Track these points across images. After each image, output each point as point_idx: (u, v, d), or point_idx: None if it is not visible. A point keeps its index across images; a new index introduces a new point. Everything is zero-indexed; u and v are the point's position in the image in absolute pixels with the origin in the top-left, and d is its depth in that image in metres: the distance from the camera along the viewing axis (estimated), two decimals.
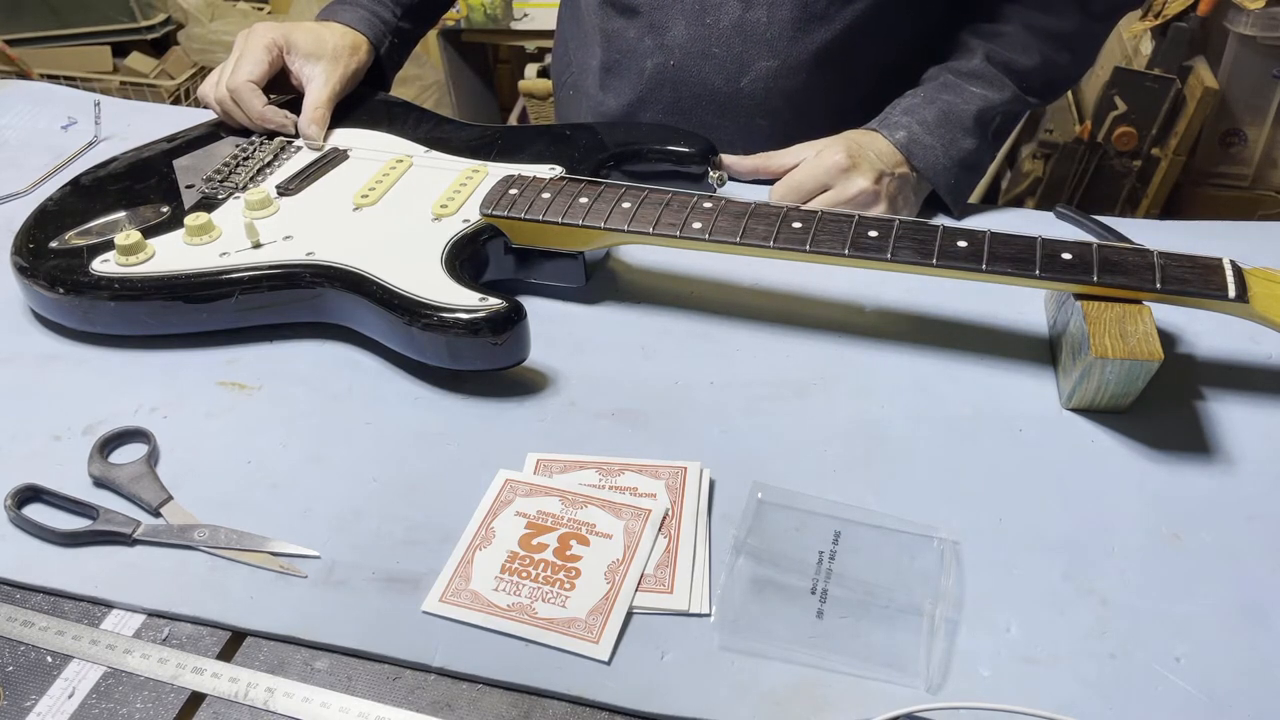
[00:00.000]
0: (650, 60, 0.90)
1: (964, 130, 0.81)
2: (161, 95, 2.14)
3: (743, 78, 0.87)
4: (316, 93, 0.84)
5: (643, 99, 0.92)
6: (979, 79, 0.82)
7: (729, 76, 0.88)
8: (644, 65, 0.90)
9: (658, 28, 0.88)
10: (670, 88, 0.90)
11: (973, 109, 0.81)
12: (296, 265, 0.69)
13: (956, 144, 0.80)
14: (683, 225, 0.68)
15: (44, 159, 0.93)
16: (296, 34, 0.85)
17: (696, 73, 0.88)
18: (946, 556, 0.54)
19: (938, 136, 0.80)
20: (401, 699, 0.49)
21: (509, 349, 0.64)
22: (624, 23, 0.90)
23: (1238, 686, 0.48)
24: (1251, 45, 1.80)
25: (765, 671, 0.49)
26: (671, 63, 0.89)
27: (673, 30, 0.88)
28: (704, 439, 0.62)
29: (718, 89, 0.88)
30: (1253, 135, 1.90)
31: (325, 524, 0.57)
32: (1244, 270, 0.61)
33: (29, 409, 0.65)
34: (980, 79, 0.82)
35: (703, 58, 0.88)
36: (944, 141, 0.80)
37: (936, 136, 0.80)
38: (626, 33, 0.90)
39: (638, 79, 0.91)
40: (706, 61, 0.88)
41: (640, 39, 0.90)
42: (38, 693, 0.49)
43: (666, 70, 0.89)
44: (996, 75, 0.82)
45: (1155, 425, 0.62)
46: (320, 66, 0.85)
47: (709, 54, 0.87)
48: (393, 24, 0.93)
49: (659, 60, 0.89)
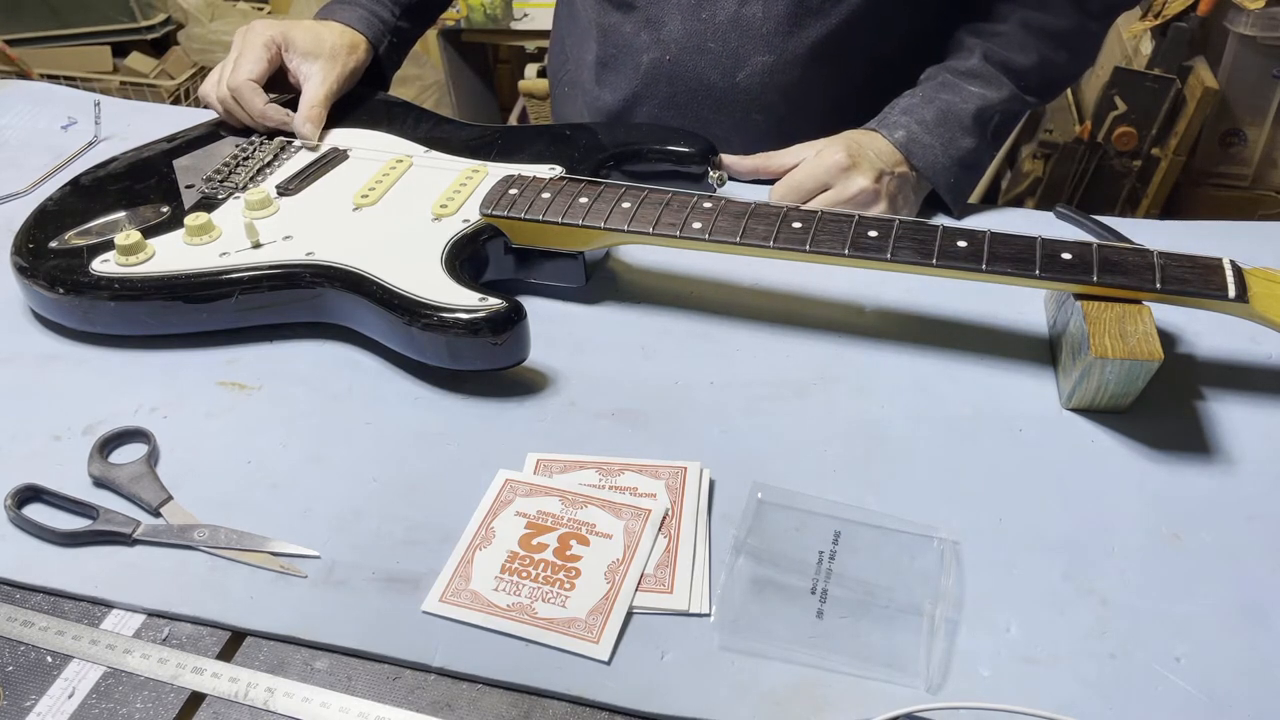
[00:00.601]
0: (646, 55, 0.90)
1: (963, 129, 0.81)
2: (161, 95, 2.14)
3: (738, 72, 0.87)
4: (313, 91, 0.84)
5: (638, 94, 0.92)
6: (977, 78, 0.82)
7: (725, 71, 0.88)
8: (640, 60, 0.90)
9: (654, 22, 0.88)
10: (666, 83, 0.90)
11: (971, 108, 0.81)
12: (296, 265, 0.69)
13: (955, 143, 0.80)
14: (683, 225, 0.68)
15: (44, 159, 0.93)
16: (295, 32, 0.85)
17: (692, 67, 0.88)
18: (946, 556, 0.54)
19: (937, 136, 0.80)
20: (401, 699, 0.49)
21: (509, 349, 0.64)
22: (620, 17, 0.90)
23: (1238, 686, 0.48)
24: (1251, 45, 1.80)
25: (765, 671, 0.49)
26: (667, 58, 0.89)
27: (669, 25, 0.88)
28: (704, 439, 0.62)
29: (714, 84, 0.89)
30: (1253, 135, 1.90)
31: (325, 524, 0.57)
32: (1244, 270, 0.61)
33: (29, 409, 0.65)
34: (978, 78, 0.82)
35: (698, 52, 0.88)
36: (943, 141, 0.80)
37: (935, 136, 0.80)
38: (622, 27, 0.90)
39: (634, 74, 0.91)
40: (702, 56, 0.88)
41: (636, 34, 0.90)
42: (38, 693, 0.49)
43: (662, 65, 0.89)
44: (994, 74, 0.82)
45: (1155, 425, 0.62)
46: (318, 65, 0.85)
47: (705, 49, 0.87)
48: (391, 23, 0.93)
49: (655, 55, 0.89)
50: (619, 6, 0.90)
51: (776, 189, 0.81)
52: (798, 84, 0.88)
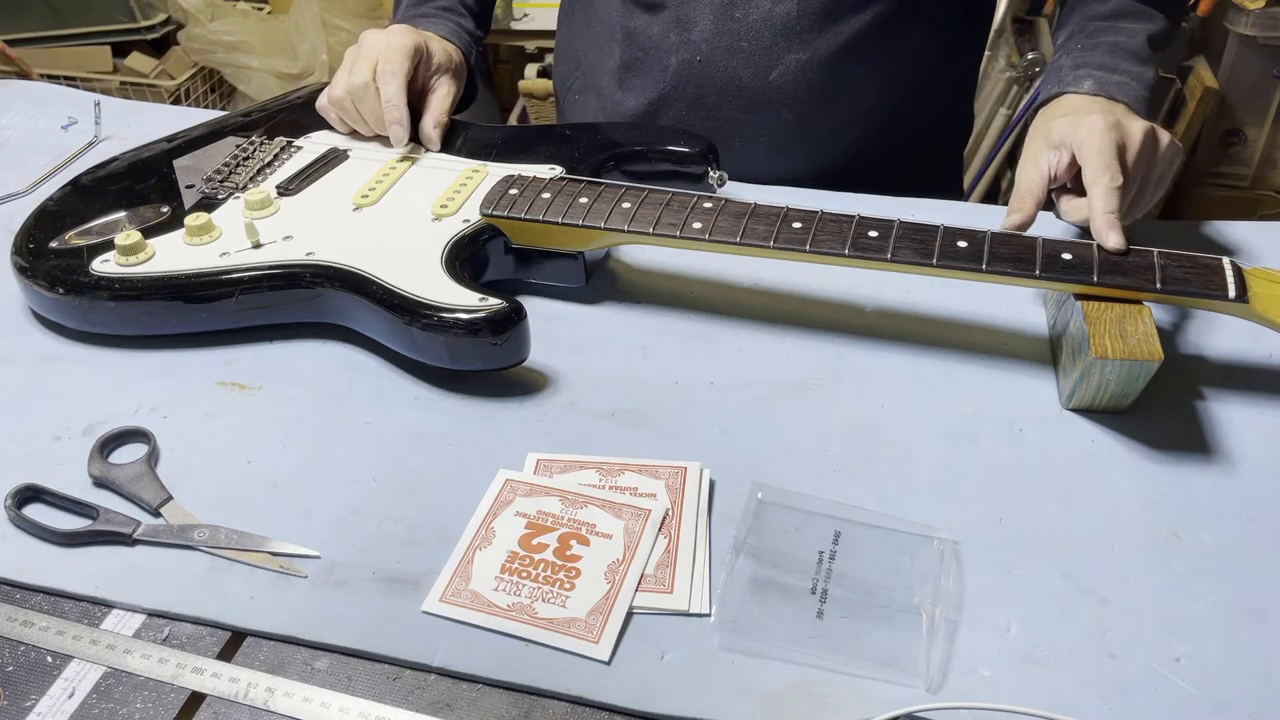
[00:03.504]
0: (675, 56, 0.89)
1: (1138, 60, 0.74)
2: (161, 95, 2.14)
3: (771, 71, 0.87)
4: (442, 102, 0.84)
5: (665, 96, 0.91)
6: (1128, 15, 0.77)
7: (757, 70, 0.87)
8: (668, 62, 0.89)
9: (683, 23, 0.88)
10: (695, 84, 0.89)
11: (1139, 41, 0.76)
12: (296, 265, 0.69)
13: (1142, 75, 0.74)
14: (683, 225, 0.68)
15: (44, 159, 0.93)
16: (433, 44, 0.85)
17: (724, 67, 0.88)
18: (946, 556, 0.54)
19: (1123, 72, 0.73)
20: (401, 699, 0.49)
21: (509, 349, 0.64)
22: (648, 19, 0.89)
23: (1238, 686, 0.48)
24: (1251, 45, 1.80)
25: (765, 671, 0.49)
26: (698, 58, 0.88)
27: (699, 25, 0.87)
28: (704, 439, 0.62)
29: (745, 83, 0.88)
30: (1253, 135, 1.90)
31: (325, 524, 0.57)
32: (1244, 270, 0.61)
33: (29, 409, 0.65)
34: (1128, 15, 0.77)
35: (730, 52, 0.87)
36: (1131, 75, 0.73)
37: (1121, 73, 0.73)
38: (650, 29, 0.90)
39: (660, 76, 0.90)
40: (734, 56, 0.87)
41: (665, 35, 0.89)
42: (38, 693, 0.49)
43: (692, 66, 0.88)
44: (1140, 8, 0.77)
45: (1155, 425, 0.62)
46: (446, 77, 0.85)
47: (737, 48, 0.87)
48: (474, 33, 0.93)
49: (684, 56, 0.88)
50: (646, 8, 0.89)
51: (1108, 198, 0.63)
52: (831, 82, 0.87)
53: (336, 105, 0.83)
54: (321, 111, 0.85)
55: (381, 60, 0.81)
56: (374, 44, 0.82)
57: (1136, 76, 0.73)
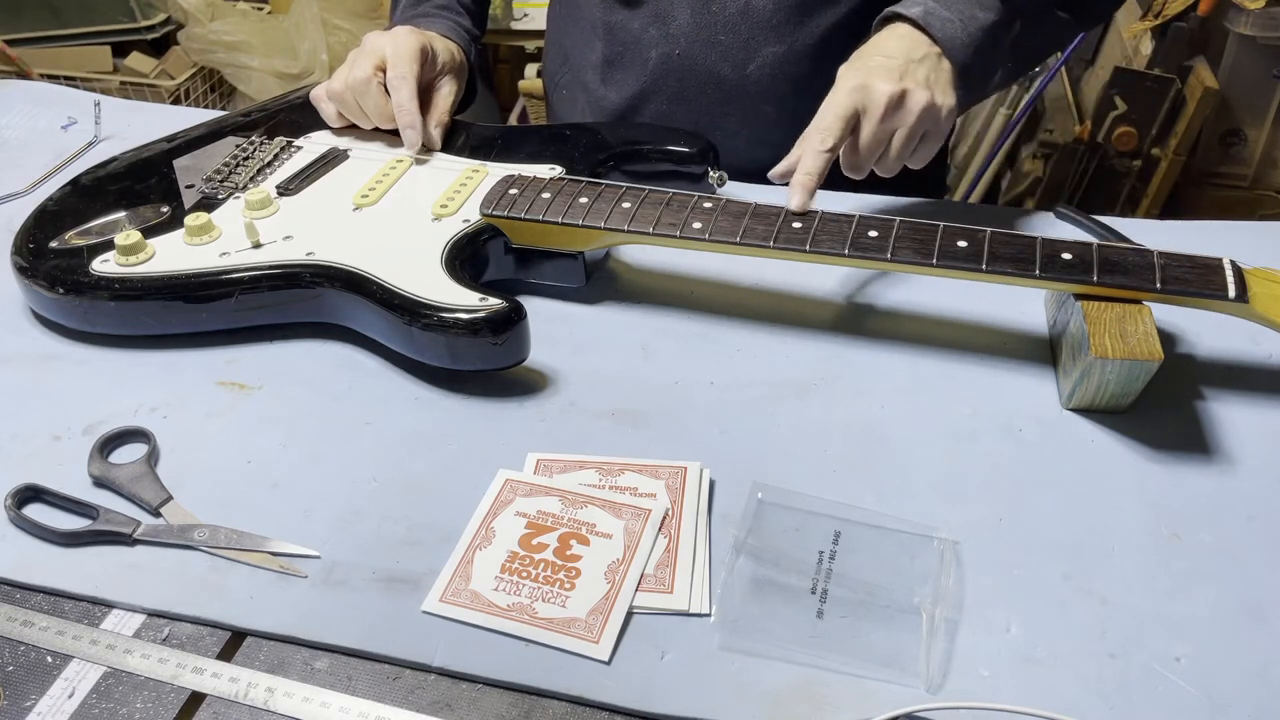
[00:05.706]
0: (655, 50, 0.89)
1: (980, 5, 0.73)
2: (161, 95, 2.14)
3: (749, 64, 0.87)
4: (446, 102, 0.84)
5: (646, 91, 0.91)
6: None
7: (735, 64, 0.87)
8: (648, 56, 0.90)
9: (662, 17, 0.88)
10: (676, 77, 0.90)
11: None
12: (296, 265, 0.69)
13: (974, 17, 0.73)
14: (683, 225, 0.68)
15: (44, 159, 0.93)
16: (436, 43, 0.85)
17: (703, 61, 0.88)
18: (946, 556, 0.54)
19: (954, 10, 0.73)
20: (401, 699, 0.49)
21: (509, 349, 0.64)
22: (627, 14, 0.90)
23: (1238, 686, 0.48)
24: (1251, 45, 1.80)
25: (765, 671, 0.49)
26: (677, 52, 0.88)
27: (678, 19, 0.88)
28: (704, 439, 0.62)
29: (724, 77, 0.88)
30: (1253, 135, 1.90)
31: (325, 524, 0.57)
32: (1244, 270, 0.61)
33: (29, 409, 0.65)
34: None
35: (708, 46, 0.87)
36: (961, 15, 0.73)
37: (953, 10, 0.73)
38: (630, 24, 0.90)
39: (641, 70, 0.91)
40: (712, 49, 0.87)
41: (644, 29, 0.89)
42: (38, 693, 0.49)
43: (672, 60, 0.89)
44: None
45: (1155, 425, 0.62)
46: (449, 78, 0.85)
47: (715, 41, 0.87)
48: (473, 32, 0.93)
49: (664, 50, 0.89)
50: (625, 3, 0.90)
51: (807, 159, 0.68)
52: (808, 75, 0.87)
53: (335, 99, 0.83)
54: (315, 102, 0.84)
55: (391, 64, 0.81)
56: (379, 45, 0.82)
57: (966, 18, 0.72)
